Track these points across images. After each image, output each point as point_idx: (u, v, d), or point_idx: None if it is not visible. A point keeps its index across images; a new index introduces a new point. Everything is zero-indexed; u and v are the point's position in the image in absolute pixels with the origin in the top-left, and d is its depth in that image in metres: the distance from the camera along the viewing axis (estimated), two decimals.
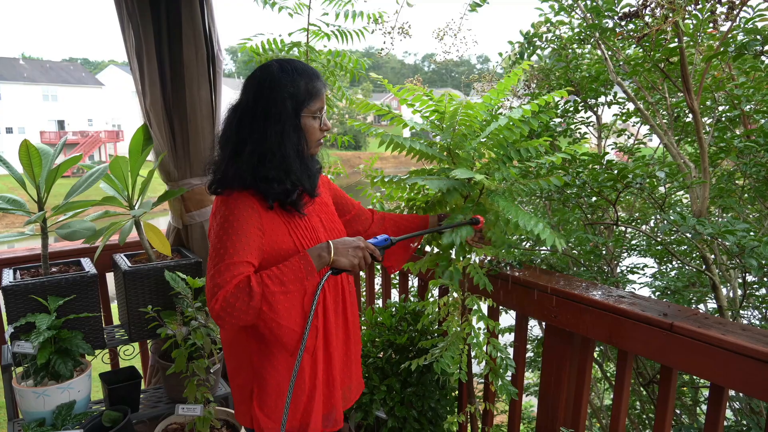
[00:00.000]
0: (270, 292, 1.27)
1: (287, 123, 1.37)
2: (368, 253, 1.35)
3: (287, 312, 1.30)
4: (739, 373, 1.38)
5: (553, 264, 2.77)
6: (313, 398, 1.44)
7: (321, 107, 1.44)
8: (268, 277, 1.29)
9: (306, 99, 1.40)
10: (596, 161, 2.23)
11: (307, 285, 1.32)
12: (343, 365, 1.58)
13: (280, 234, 1.40)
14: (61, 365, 2.12)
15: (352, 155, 31.74)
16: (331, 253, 1.34)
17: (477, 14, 2.90)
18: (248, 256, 1.32)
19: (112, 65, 45.55)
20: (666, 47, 2.22)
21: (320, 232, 1.51)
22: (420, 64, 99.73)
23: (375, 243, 1.40)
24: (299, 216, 1.47)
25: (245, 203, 1.37)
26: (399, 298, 2.54)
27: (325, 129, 1.46)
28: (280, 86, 1.38)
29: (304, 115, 1.41)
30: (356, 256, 1.33)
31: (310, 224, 1.49)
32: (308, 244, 1.44)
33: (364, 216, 1.80)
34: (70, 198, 2.25)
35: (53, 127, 37.37)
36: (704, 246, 2.36)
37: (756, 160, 2.32)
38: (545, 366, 1.97)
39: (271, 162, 1.37)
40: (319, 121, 1.44)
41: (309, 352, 1.44)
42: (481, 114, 1.70)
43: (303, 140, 1.41)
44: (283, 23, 13.97)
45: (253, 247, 1.33)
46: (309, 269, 1.31)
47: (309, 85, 1.41)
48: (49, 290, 2.18)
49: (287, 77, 1.39)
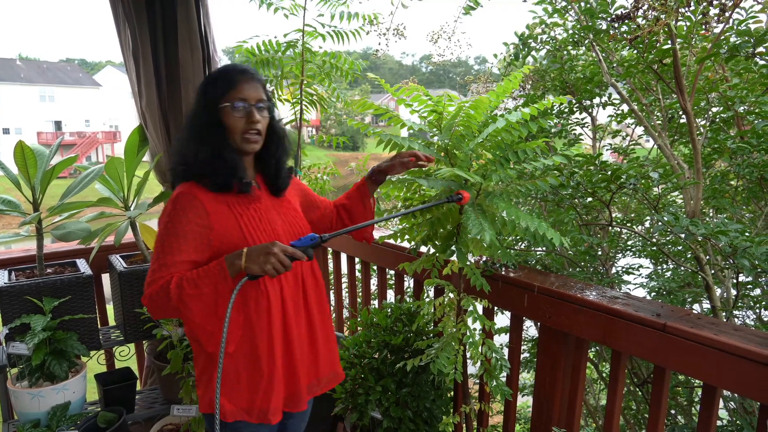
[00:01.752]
0: (186, 294, 1.35)
1: (202, 115, 1.47)
2: (285, 256, 1.35)
3: (201, 313, 1.38)
4: (732, 373, 1.39)
5: (547, 265, 2.78)
6: (272, 382, 1.51)
7: (241, 98, 1.46)
8: (186, 280, 1.36)
9: (222, 92, 1.46)
10: (590, 162, 2.24)
11: (220, 289, 1.36)
12: (308, 354, 1.63)
13: (230, 228, 1.46)
14: (56, 366, 2.12)
15: (349, 156, 31.74)
16: (242, 259, 1.35)
17: (473, 16, 2.92)
18: (183, 256, 1.41)
19: (110, 66, 45.49)
20: (659, 49, 2.23)
21: (278, 226, 1.56)
22: (418, 65, 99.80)
23: (298, 244, 1.40)
24: (255, 207, 1.53)
25: (188, 199, 1.44)
26: (395, 298, 2.55)
27: (251, 122, 1.47)
28: (203, 87, 1.49)
29: (222, 107, 1.46)
30: (267, 262, 1.33)
31: (266, 218, 1.54)
32: (263, 238, 1.49)
33: (330, 211, 1.85)
34: (65, 199, 2.25)
35: (50, 128, 37.28)
36: (698, 246, 2.37)
37: (749, 161, 2.34)
38: (540, 366, 1.98)
39: (187, 153, 1.47)
40: (241, 112, 1.47)
41: (265, 342, 1.49)
42: (480, 115, 1.70)
43: (224, 135, 1.47)
44: (279, 24, 14.06)
45: (192, 245, 1.42)
46: (223, 274, 1.36)
47: (227, 78, 1.47)
48: (45, 291, 2.18)
49: (210, 78, 1.50)
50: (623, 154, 3.11)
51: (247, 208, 1.51)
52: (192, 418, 2.29)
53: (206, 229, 1.44)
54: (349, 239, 2.83)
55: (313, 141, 29.92)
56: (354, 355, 2.30)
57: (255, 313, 1.49)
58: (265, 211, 1.55)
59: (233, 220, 1.47)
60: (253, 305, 1.48)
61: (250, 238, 1.47)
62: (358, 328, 2.58)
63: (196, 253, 1.43)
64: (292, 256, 1.37)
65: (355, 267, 3.08)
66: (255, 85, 1.50)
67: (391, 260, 2.56)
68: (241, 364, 1.50)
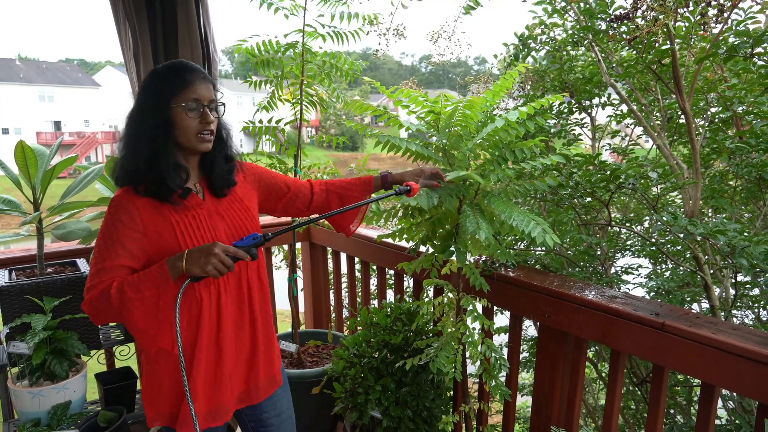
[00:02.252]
0: (128, 298, 1.33)
1: (146, 115, 1.42)
2: (227, 256, 1.33)
3: (143, 316, 1.36)
4: (730, 372, 1.39)
5: (547, 264, 2.78)
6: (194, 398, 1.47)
7: (195, 98, 1.43)
8: (127, 284, 1.34)
9: (173, 89, 1.42)
10: (589, 162, 2.25)
11: (162, 292, 1.35)
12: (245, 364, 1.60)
13: (165, 235, 1.43)
14: (56, 365, 2.13)
15: (349, 156, 31.76)
16: (183, 261, 1.34)
17: (473, 16, 2.92)
18: (121, 260, 1.38)
19: (109, 66, 45.51)
20: (658, 49, 2.24)
21: (221, 231, 1.51)
22: (417, 65, 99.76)
23: (240, 244, 1.38)
24: (194, 214, 1.48)
25: (125, 206, 1.41)
26: (394, 298, 2.56)
27: (205, 122, 1.45)
28: (148, 85, 1.44)
29: (173, 106, 1.42)
30: (208, 263, 1.31)
31: (209, 224, 1.49)
32: (202, 243, 1.45)
33: (303, 192, 1.79)
34: (65, 199, 2.26)
35: (50, 128, 37.29)
36: (696, 246, 2.37)
37: (748, 161, 2.34)
38: (539, 365, 1.98)
39: (138, 161, 1.41)
40: (196, 113, 1.44)
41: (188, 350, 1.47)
42: (477, 115, 1.71)
43: (170, 131, 1.42)
44: (279, 24, 14.07)
45: (128, 251, 1.39)
46: (164, 277, 1.34)
47: (178, 77, 1.43)
48: (45, 291, 2.18)
49: (156, 75, 1.45)
50: (622, 154, 3.11)
51: (185, 215, 1.46)
52: None
53: (140, 235, 1.41)
54: (348, 239, 2.84)
55: (312, 141, 29.82)
56: (354, 354, 2.30)
57: (186, 320, 1.45)
58: (207, 216, 1.50)
59: (169, 228, 1.43)
60: (185, 311, 1.45)
61: (185, 245, 1.43)
62: (357, 328, 2.59)
63: (131, 259, 1.40)
64: (234, 256, 1.35)
65: (355, 267, 3.08)
66: (207, 84, 1.48)
67: (390, 260, 2.56)
68: (165, 375, 1.48)
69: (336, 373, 2.33)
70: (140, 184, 1.43)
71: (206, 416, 1.52)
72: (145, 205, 1.43)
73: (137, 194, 1.43)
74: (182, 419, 1.48)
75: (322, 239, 3.19)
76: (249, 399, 1.65)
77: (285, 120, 2.74)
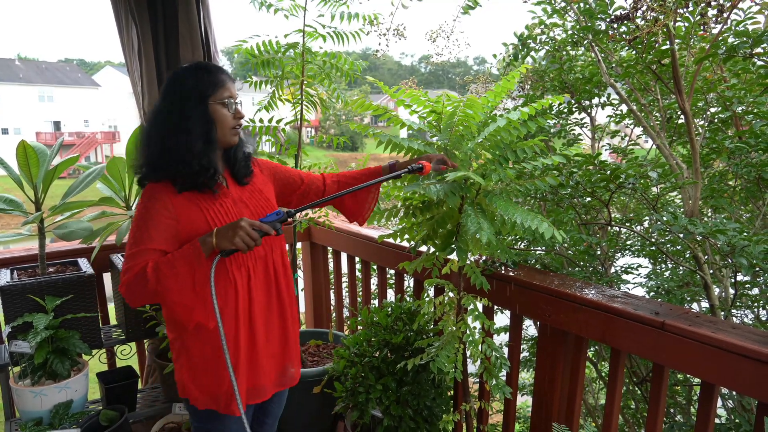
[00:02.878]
0: (164, 275, 1.42)
1: (193, 112, 1.51)
2: (253, 229, 1.42)
3: (178, 290, 1.44)
4: (729, 371, 1.40)
5: (547, 264, 2.79)
6: (236, 372, 1.55)
7: (229, 96, 1.56)
8: (162, 263, 1.44)
9: (210, 88, 1.52)
10: (589, 162, 2.25)
11: (196, 267, 1.44)
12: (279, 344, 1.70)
13: (195, 220, 1.52)
14: (58, 365, 2.13)
15: (349, 156, 31.74)
16: (213, 237, 1.44)
17: (472, 16, 2.93)
18: (155, 244, 1.47)
19: (109, 66, 45.46)
20: (657, 49, 2.24)
21: (246, 216, 1.60)
22: (417, 65, 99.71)
23: (265, 220, 1.47)
24: (221, 202, 1.57)
25: (158, 195, 1.51)
26: (395, 297, 2.56)
27: (238, 117, 1.58)
28: (183, 81, 1.53)
29: (211, 103, 1.53)
30: (235, 235, 1.41)
31: (235, 210, 1.59)
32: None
33: (316, 184, 1.88)
34: (67, 198, 2.27)
35: (49, 128, 37.25)
36: (696, 246, 2.38)
37: (747, 160, 2.35)
38: (539, 364, 1.99)
39: (175, 149, 1.50)
40: (231, 109, 1.56)
41: (232, 332, 1.55)
42: (479, 115, 1.72)
43: (213, 127, 1.54)
44: (279, 24, 14.02)
45: (162, 236, 1.48)
46: (197, 253, 1.43)
47: (212, 76, 1.54)
48: (47, 290, 2.19)
49: (189, 72, 1.54)
50: (622, 154, 3.12)
51: (213, 203, 1.57)
52: None
53: (174, 221, 1.50)
54: (348, 238, 2.84)
55: (312, 141, 29.80)
56: (354, 353, 2.31)
57: (223, 301, 1.54)
58: (232, 204, 1.61)
59: (199, 214, 1.53)
60: (222, 293, 1.53)
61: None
62: (358, 327, 2.59)
63: (166, 244, 1.49)
64: (260, 230, 1.44)
65: (355, 266, 3.09)
66: (233, 83, 1.60)
67: (391, 259, 2.57)
68: (208, 351, 1.55)
69: (337, 373, 2.33)
70: (180, 177, 1.51)
71: (248, 392, 1.62)
72: (177, 196, 1.52)
73: (172, 185, 1.52)
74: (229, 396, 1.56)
75: (323, 239, 3.19)
76: (284, 382, 1.74)
77: (285, 120, 2.75)
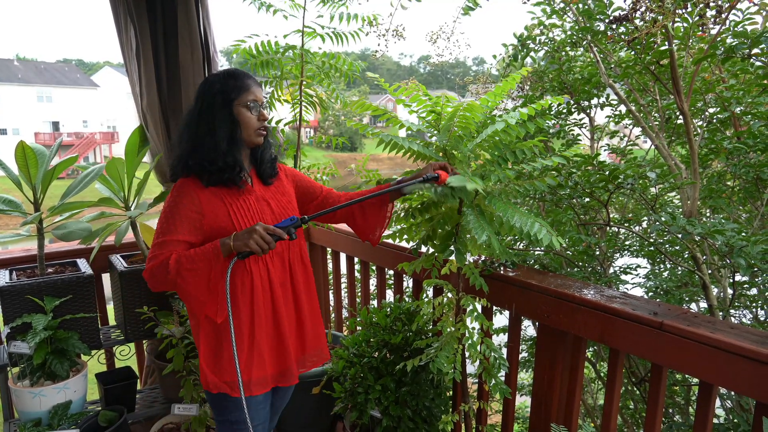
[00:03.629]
0: (184, 268, 1.55)
1: (218, 114, 1.63)
2: (267, 233, 1.52)
3: (195, 285, 1.57)
4: (728, 371, 1.40)
5: (546, 264, 2.79)
6: (252, 357, 1.66)
7: (254, 99, 1.67)
8: (184, 257, 1.55)
9: (235, 92, 1.64)
10: (588, 162, 2.26)
11: (214, 265, 1.55)
12: (295, 332, 1.80)
13: (220, 215, 1.63)
14: (57, 365, 2.13)
15: (347, 157, 31.74)
16: (231, 240, 1.54)
17: (471, 17, 2.93)
18: (180, 236, 1.59)
19: (107, 66, 45.43)
20: (656, 50, 2.25)
21: (267, 215, 1.71)
22: (416, 66, 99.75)
23: (279, 225, 1.57)
24: (245, 198, 1.68)
25: (187, 190, 1.62)
26: (394, 298, 2.56)
27: (262, 119, 1.69)
28: (212, 86, 1.65)
29: (236, 105, 1.64)
30: (250, 238, 1.51)
31: (257, 207, 1.70)
32: (251, 224, 1.64)
33: (333, 198, 1.96)
34: (65, 199, 2.26)
35: (48, 129, 37.20)
36: (694, 246, 2.38)
37: (745, 161, 2.35)
38: (538, 365, 1.99)
39: (203, 147, 1.62)
40: (255, 111, 1.67)
41: (247, 318, 1.66)
42: (478, 116, 1.72)
43: (238, 128, 1.65)
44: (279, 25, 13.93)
45: (188, 228, 1.60)
46: (216, 253, 1.55)
47: (238, 81, 1.65)
48: (46, 291, 2.19)
49: (217, 78, 1.67)
50: (621, 155, 3.12)
51: (237, 198, 1.67)
52: (193, 416, 2.30)
53: (199, 215, 1.61)
54: (347, 239, 2.84)
55: (311, 142, 29.70)
56: (353, 354, 2.31)
57: (240, 291, 1.64)
58: (255, 201, 1.71)
59: (223, 209, 1.64)
60: (239, 283, 1.64)
61: (238, 224, 1.63)
62: (357, 328, 2.59)
63: (190, 235, 1.61)
64: (274, 234, 1.54)
65: (354, 267, 3.09)
66: (259, 87, 1.71)
67: (390, 260, 2.57)
68: (225, 338, 1.64)
69: (336, 373, 2.33)
70: (207, 172, 1.62)
71: (276, 377, 1.73)
72: (204, 191, 1.63)
73: (199, 181, 1.64)
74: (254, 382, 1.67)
75: (322, 239, 3.19)
76: (302, 365, 1.83)
77: (285, 120, 2.75)
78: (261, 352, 1.68)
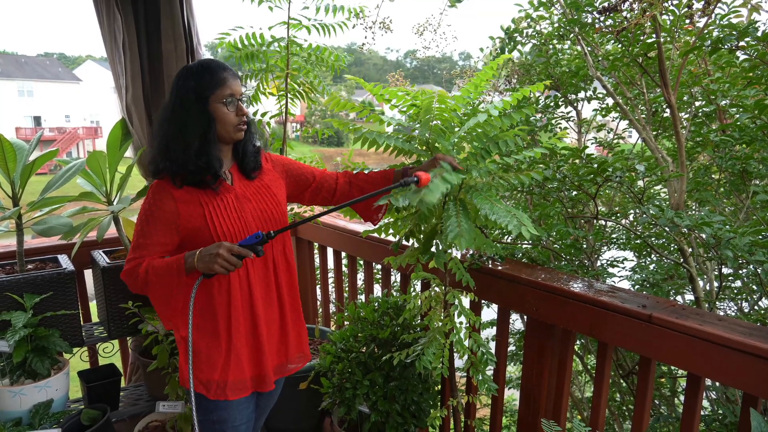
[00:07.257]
0: (150, 279, 1.54)
1: (192, 112, 1.54)
2: (231, 254, 1.46)
3: (158, 297, 1.59)
4: (716, 363, 1.40)
5: (534, 257, 2.79)
6: (229, 359, 1.63)
7: (230, 94, 1.57)
8: (152, 267, 1.54)
9: (210, 88, 1.55)
10: (576, 155, 2.25)
11: (177, 281, 1.53)
12: (278, 335, 1.75)
13: (195, 215, 1.58)
14: (38, 363, 2.09)
15: (334, 151, 31.62)
16: (195, 258, 1.49)
17: (459, 10, 2.92)
18: (156, 238, 1.57)
19: (90, 60, 44.80)
20: (644, 42, 2.24)
21: (248, 214, 1.64)
22: (402, 60, 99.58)
23: (244, 243, 1.49)
24: (222, 197, 1.61)
25: (162, 191, 1.58)
26: (381, 292, 2.54)
27: (241, 114, 1.60)
28: (186, 81, 1.56)
29: (212, 102, 1.55)
30: (213, 262, 1.45)
31: (236, 206, 1.63)
32: (229, 225, 1.60)
33: (328, 183, 1.89)
34: (46, 194, 2.21)
35: (29, 123, 36.61)
36: (681, 239, 2.39)
37: (731, 154, 2.36)
38: (526, 358, 1.98)
39: (174, 149, 1.55)
40: (232, 107, 1.58)
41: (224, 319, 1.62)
42: (460, 108, 1.69)
43: (212, 126, 1.57)
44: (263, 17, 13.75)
45: (162, 230, 1.57)
46: (179, 270, 1.51)
47: (213, 76, 1.56)
48: (25, 287, 2.14)
49: (191, 72, 1.57)
50: (608, 148, 3.13)
51: (213, 198, 1.61)
52: (178, 414, 2.27)
53: (174, 215, 1.57)
54: (334, 233, 2.82)
55: (297, 136, 29.42)
56: (341, 349, 2.29)
57: (217, 290, 1.61)
58: (234, 200, 1.64)
59: (199, 209, 1.58)
60: (216, 284, 1.60)
61: (212, 225, 1.57)
62: (345, 323, 2.57)
63: (165, 237, 1.58)
64: (239, 255, 1.47)
65: (342, 261, 3.07)
66: (237, 80, 1.61)
67: (377, 254, 2.55)
68: (203, 339, 1.62)
69: (323, 369, 2.32)
70: (179, 174, 1.57)
71: (254, 381, 1.69)
72: (179, 191, 1.58)
73: (173, 182, 1.58)
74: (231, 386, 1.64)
75: (309, 234, 3.16)
76: (281, 371, 1.79)
77: (270, 114, 2.71)
78: (238, 353, 1.64)
